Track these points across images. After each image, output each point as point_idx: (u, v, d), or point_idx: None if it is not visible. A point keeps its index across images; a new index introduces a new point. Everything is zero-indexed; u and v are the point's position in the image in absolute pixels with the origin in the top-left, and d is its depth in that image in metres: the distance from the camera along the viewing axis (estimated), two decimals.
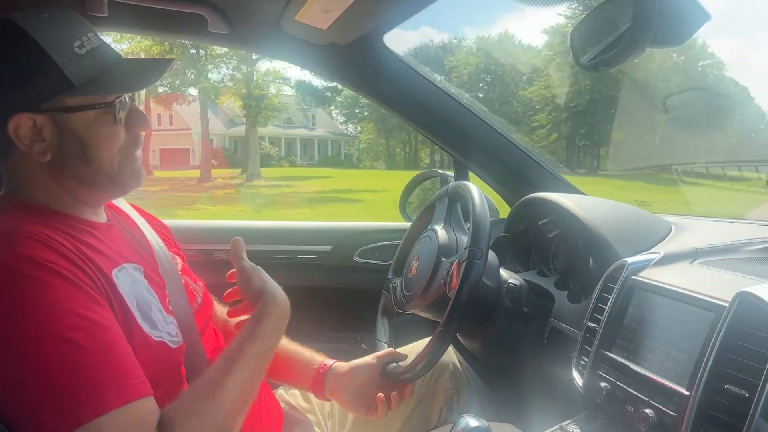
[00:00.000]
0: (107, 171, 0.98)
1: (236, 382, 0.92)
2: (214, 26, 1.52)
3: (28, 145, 0.92)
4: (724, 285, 0.97)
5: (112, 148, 0.98)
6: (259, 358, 0.98)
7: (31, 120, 0.91)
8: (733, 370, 0.85)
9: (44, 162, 0.94)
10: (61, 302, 0.81)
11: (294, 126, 40.75)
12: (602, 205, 1.48)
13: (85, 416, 0.77)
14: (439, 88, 1.83)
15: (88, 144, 0.95)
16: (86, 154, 0.95)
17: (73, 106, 0.93)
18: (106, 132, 0.96)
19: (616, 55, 0.93)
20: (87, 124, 0.95)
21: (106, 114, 0.96)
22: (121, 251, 1.01)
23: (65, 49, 0.92)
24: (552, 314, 1.38)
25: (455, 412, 1.46)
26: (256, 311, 1.06)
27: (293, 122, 40.52)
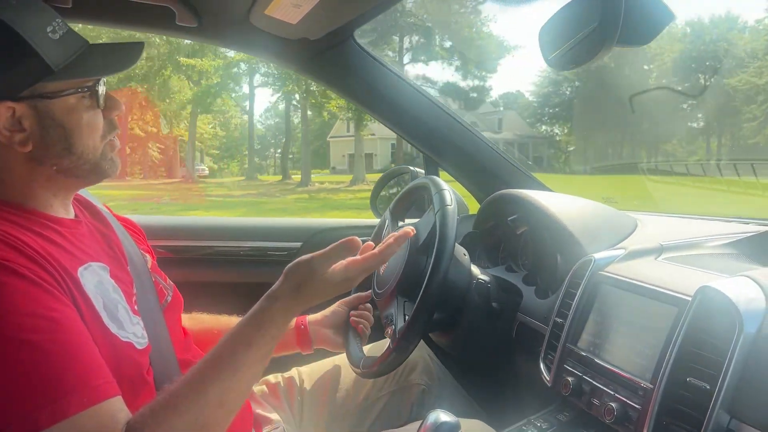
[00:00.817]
0: (89, 159, 0.97)
1: (221, 392, 0.86)
2: (181, 19, 1.50)
3: (8, 137, 0.89)
4: (688, 280, 0.99)
5: (95, 135, 0.97)
6: (252, 366, 0.91)
7: (11, 110, 0.89)
8: (695, 364, 0.87)
9: (25, 152, 0.91)
10: (20, 303, 0.79)
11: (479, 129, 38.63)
12: (570, 202, 1.50)
13: (44, 421, 0.74)
14: (409, 84, 1.83)
15: (71, 131, 0.93)
16: (69, 142, 0.94)
17: (54, 92, 0.91)
18: (87, 118, 0.95)
19: (583, 54, 0.94)
20: (68, 110, 0.93)
21: (87, 99, 0.95)
22: (88, 249, 0.98)
23: (40, 34, 0.90)
24: (520, 309, 1.39)
25: (426, 407, 1.46)
26: (257, 312, 0.96)
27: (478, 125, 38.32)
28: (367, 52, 1.75)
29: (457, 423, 0.90)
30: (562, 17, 0.99)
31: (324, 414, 1.44)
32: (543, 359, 1.19)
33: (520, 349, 1.37)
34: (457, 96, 33.15)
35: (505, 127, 39.60)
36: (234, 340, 0.92)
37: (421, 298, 1.17)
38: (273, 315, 0.95)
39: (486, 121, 38.01)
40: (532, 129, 40.90)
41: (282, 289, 0.97)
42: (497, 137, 37.59)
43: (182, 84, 26.95)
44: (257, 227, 2.18)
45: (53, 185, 0.97)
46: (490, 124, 38.75)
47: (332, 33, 1.61)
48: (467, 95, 33.37)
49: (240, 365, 0.89)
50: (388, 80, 1.80)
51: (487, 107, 39.01)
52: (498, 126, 39.47)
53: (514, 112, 41.08)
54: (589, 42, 0.91)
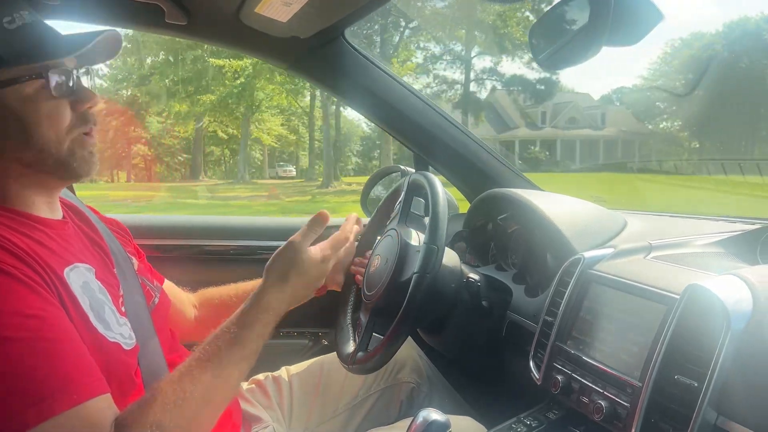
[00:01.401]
0: (54, 153, 0.93)
1: (207, 390, 0.86)
2: (171, 17, 1.49)
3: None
4: (676, 278, 1.00)
5: (57, 127, 0.93)
6: (239, 364, 0.91)
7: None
8: (683, 361, 0.88)
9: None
10: (7, 302, 0.78)
11: (577, 126, 36.33)
12: (559, 201, 1.51)
13: (32, 420, 0.74)
14: (400, 83, 1.83)
15: (27, 122, 0.91)
16: (26, 133, 0.91)
17: (5, 80, 0.89)
18: (46, 108, 0.92)
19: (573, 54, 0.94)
20: (24, 99, 0.90)
21: (43, 88, 0.91)
22: (75, 250, 0.98)
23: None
24: (510, 308, 1.39)
25: (416, 405, 1.47)
26: (244, 310, 0.96)
27: (577, 121, 36.30)
28: (358, 50, 1.75)
29: (447, 421, 0.91)
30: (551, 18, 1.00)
31: (313, 413, 1.44)
32: (532, 357, 1.20)
33: (510, 347, 1.37)
34: (525, 88, 32.66)
35: (609, 123, 36.99)
36: (221, 339, 0.92)
37: (411, 293, 1.17)
38: (259, 313, 0.96)
39: (586, 117, 36.65)
40: (641, 124, 37.29)
41: (268, 284, 0.98)
42: (598, 134, 36.14)
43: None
44: (245, 226, 2.17)
45: (28, 182, 0.95)
46: (591, 120, 36.90)
47: (322, 31, 1.60)
48: (534, 87, 32.66)
49: (227, 363, 0.89)
50: (378, 79, 1.80)
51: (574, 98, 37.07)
52: (601, 121, 36.98)
53: (623, 107, 38.44)
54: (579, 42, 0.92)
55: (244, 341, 0.92)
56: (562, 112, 36.26)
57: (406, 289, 1.20)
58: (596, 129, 36.09)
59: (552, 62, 1.01)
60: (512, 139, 36.09)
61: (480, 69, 30.64)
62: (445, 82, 31.08)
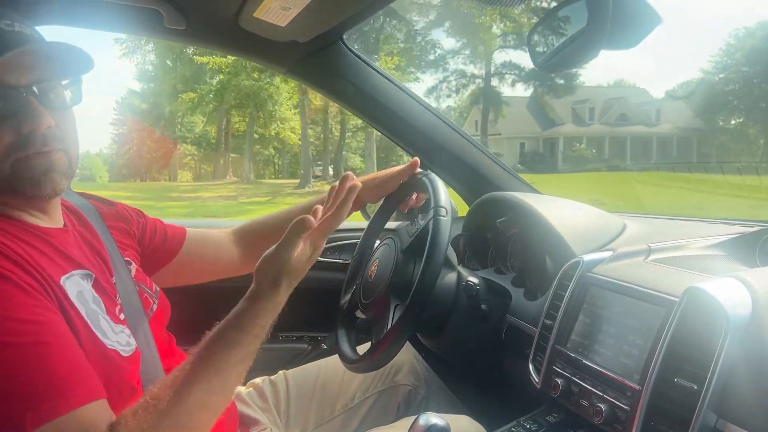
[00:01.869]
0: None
1: (203, 394, 0.85)
2: (170, 22, 1.49)
3: None
4: (675, 281, 1.00)
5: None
6: (235, 367, 0.89)
7: None
8: (682, 364, 0.88)
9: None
10: (6, 307, 0.78)
11: (629, 123, 34.83)
12: (558, 205, 1.51)
13: (30, 424, 0.74)
14: (399, 87, 1.83)
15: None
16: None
17: None
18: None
19: (571, 58, 0.94)
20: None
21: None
22: (74, 257, 0.98)
23: None
24: (509, 311, 1.39)
25: (413, 408, 1.47)
26: (239, 313, 0.94)
27: (628, 118, 34.91)
28: (357, 54, 1.75)
29: (447, 425, 0.91)
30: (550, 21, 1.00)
31: (310, 416, 1.44)
32: (532, 361, 1.20)
33: (509, 350, 1.37)
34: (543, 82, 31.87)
35: (665, 119, 35.54)
36: (216, 342, 0.90)
37: (414, 294, 1.17)
38: (255, 315, 0.94)
39: (638, 113, 35.32)
40: (699, 120, 34.18)
41: (261, 289, 0.96)
42: (650, 131, 34.66)
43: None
44: None
45: (5, 198, 0.93)
46: (645, 116, 35.39)
47: (321, 36, 1.61)
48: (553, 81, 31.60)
49: (222, 366, 0.88)
50: (377, 83, 1.80)
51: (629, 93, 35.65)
52: (655, 117, 35.76)
53: (680, 102, 36.19)
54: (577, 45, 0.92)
55: (240, 344, 0.90)
56: (612, 108, 35.44)
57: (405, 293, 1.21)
58: (649, 126, 34.82)
59: (550, 65, 1.01)
60: (556, 136, 35.40)
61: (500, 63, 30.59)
62: (463, 76, 31.06)
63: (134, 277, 1.15)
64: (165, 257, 1.34)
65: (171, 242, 1.35)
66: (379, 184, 1.40)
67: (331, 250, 2.14)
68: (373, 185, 1.40)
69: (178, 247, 1.36)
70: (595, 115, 35.77)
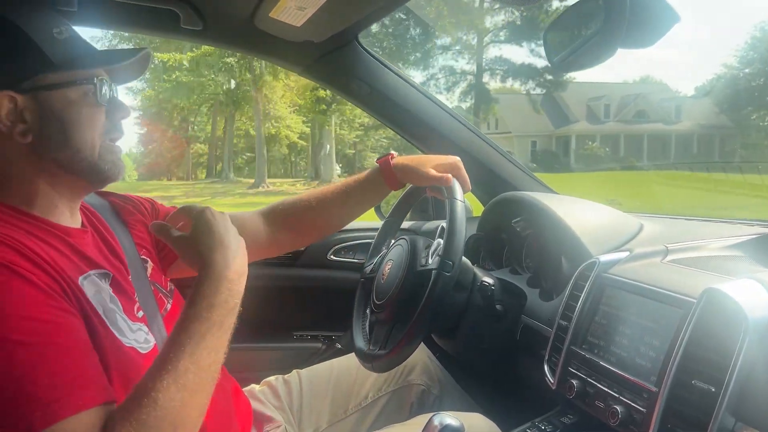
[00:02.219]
0: (87, 155, 0.98)
1: (177, 375, 0.83)
2: (186, 22, 1.50)
3: (9, 126, 0.92)
4: (693, 282, 0.99)
5: (93, 131, 0.99)
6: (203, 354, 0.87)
7: (13, 101, 0.92)
8: (700, 366, 0.87)
9: (25, 144, 0.94)
10: (21, 306, 0.79)
11: (647, 120, 33.37)
12: (574, 205, 1.50)
13: (37, 423, 0.74)
14: (413, 87, 1.83)
15: (68, 124, 0.96)
16: (66, 135, 0.96)
17: (54, 84, 0.94)
18: (86, 113, 0.98)
19: (587, 56, 0.94)
20: (67, 103, 0.96)
21: (87, 95, 0.97)
22: (92, 257, 0.99)
23: (45, 34, 0.95)
24: (524, 312, 1.39)
25: (426, 407, 1.47)
26: (196, 294, 0.92)
27: (646, 115, 33.65)
28: (372, 54, 1.75)
29: (461, 426, 0.90)
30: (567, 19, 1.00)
31: (323, 414, 1.45)
32: (547, 362, 1.19)
33: (524, 351, 1.36)
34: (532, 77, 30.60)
35: (686, 116, 33.81)
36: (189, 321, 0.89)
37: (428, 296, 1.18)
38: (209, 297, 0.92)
39: (657, 110, 34.07)
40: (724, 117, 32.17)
41: (212, 270, 0.94)
42: (670, 129, 33.24)
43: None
44: None
45: (56, 183, 0.98)
46: (664, 113, 33.90)
47: (336, 35, 1.61)
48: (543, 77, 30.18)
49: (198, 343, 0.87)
50: (392, 82, 1.80)
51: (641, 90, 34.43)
52: (675, 114, 34.07)
53: (702, 99, 34.93)
54: (594, 44, 0.91)
55: (212, 320, 0.90)
56: (629, 105, 34.53)
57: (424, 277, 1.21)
58: (669, 123, 33.54)
59: (567, 65, 1.00)
60: (569, 135, 34.63)
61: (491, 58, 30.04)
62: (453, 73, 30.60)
63: (150, 276, 1.16)
64: None
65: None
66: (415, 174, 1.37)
67: (345, 249, 2.14)
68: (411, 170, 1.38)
69: None
70: (611, 113, 34.94)
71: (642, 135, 34.30)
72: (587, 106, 35.66)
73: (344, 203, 1.44)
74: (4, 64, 0.93)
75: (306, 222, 1.46)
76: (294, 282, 2.12)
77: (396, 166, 1.38)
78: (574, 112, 35.16)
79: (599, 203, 1.52)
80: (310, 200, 1.44)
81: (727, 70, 33.04)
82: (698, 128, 33.02)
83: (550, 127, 35.27)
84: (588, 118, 35.23)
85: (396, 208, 1.56)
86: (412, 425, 1.27)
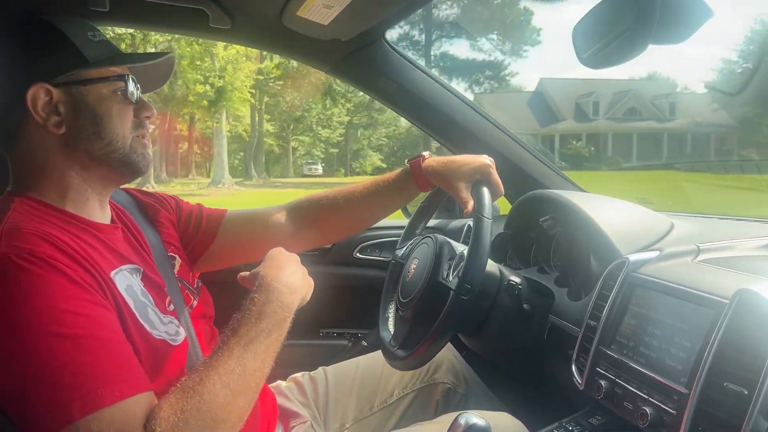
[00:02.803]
0: (119, 147, 1.04)
1: (222, 373, 0.86)
2: (215, 21, 1.52)
3: (44, 118, 0.98)
4: (725, 282, 0.97)
5: (123, 125, 1.04)
6: (249, 358, 0.90)
7: (49, 94, 0.98)
8: (732, 368, 0.85)
9: (59, 135, 0.99)
10: (61, 299, 0.82)
11: (639, 118, 32.38)
12: (604, 203, 1.48)
13: (76, 413, 0.77)
14: (440, 84, 1.83)
15: (100, 117, 1.01)
16: (98, 127, 1.01)
17: (87, 79, 1.01)
18: (117, 108, 1.04)
19: (618, 53, 0.92)
20: (100, 98, 1.02)
21: (117, 91, 1.04)
22: (123, 253, 1.03)
23: (81, 35, 1.03)
24: (552, 311, 1.38)
25: (452, 406, 1.47)
26: (248, 302, 0.97)
27: (638, 112, 32.63)
28: (398, 52, 1.75)
29: (488, 425, 0.90)
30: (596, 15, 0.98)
31: (349, 411, 1.45)
32: (575, 362, 1.18)
33: (552, 351, 1.35)
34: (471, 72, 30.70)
35: (680, 113, 32.86)
36: (244, 322, 0.94)
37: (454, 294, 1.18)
38: (267, 304, 0.97)
39: (650, 107, 33.08)
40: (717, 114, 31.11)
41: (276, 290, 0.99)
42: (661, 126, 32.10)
43: None
44: None
45: (88, 175, 1.03)
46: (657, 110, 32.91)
47: (363, 33, 1.61)
48: (483, 72, 30.20)
49: (251, 342, 0.91)
50: (419, 80, 1.80)
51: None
52: (669, 111, 32.94)
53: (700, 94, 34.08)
54: (624, 40, 0.90)
55: (260, 327, 0.93)
56: (620, 102, 33.68)
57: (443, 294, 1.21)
58: (662, 121, 32.52)
59: (596, 61, 0.99)
60: (553, 134, 33.96)
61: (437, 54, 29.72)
62: None
63: (177, 272, 1.19)
64: (206, 238, 1.35)
65: (209, 223, 1.37)
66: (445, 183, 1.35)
67: (371, 247, 2.15)
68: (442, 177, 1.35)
69: (216, 226, 1.37)
70: (600, 110, 33.83)
71: (632, 133, 33.31)
72: (576, 104, 34.76)
73: (372, 203, 1.43)
74: (43, 59, 0.99)
75: (331, 220, 1.46)
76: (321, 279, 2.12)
77: (427, 169, 1.36)
78: (562, 110, 34.32)
79: (629, 202, 1.50)
80: (337, 198, 1.44)
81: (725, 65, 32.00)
82: (691, 126, 31.95)
83: (536, 126, 34.36)
84: (576, 116, 34.36)
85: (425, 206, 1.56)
86: (437, 424, 1.27)
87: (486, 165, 1.33)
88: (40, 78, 0.98)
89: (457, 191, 1.31)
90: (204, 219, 1.36)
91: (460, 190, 1.31)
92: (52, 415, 0.77)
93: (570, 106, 34.75)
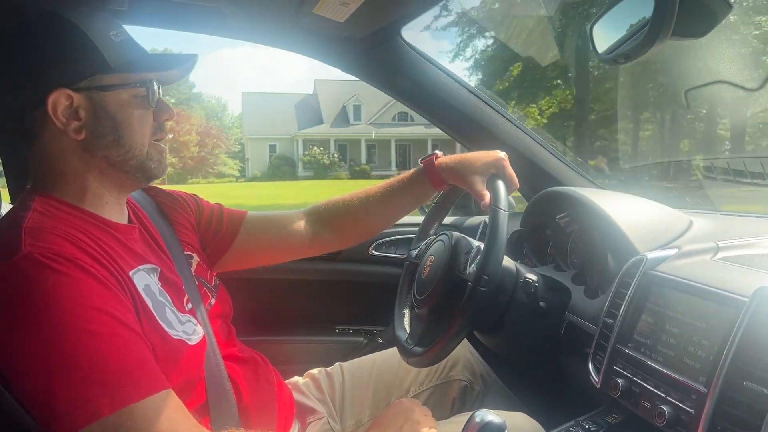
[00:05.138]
0: (137, 154, 1.02)
1: None
2: (232, 20, 1.53)
3: (65, 123, 0.96)
4: (745, 280, 0.96)
5: (143, 132, 1.03)
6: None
7: (69, 99, 0.96)
8: (751, 367, 0.84)
9: (78, 140, 0.98)
10: (88, 298, 0.84)
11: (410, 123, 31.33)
12: (621, 200, 1.47)
13: (105, 409, 0.78)
14: (457, 81, 1.82)
15: (120, 124, 1.00)
16: (118, 134, 1.00)
17: (109, 85, 0.99)
18: (138, 114, 1.02)
19: (636, 47, 0.92)
20: (120, 105, 1.00)
21: (139, 96, 1.02)
22: (140, 252, 1.04)
23: (103, 36, 0.99)
24: (569, 309, 1.37)
25: (468, 403, 1.46)
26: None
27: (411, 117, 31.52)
28: (415, 49, 1.75)
29: (504, 423, 0.90)
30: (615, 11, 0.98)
31: (365, 407, 1.46)
32: (592, 360, 1.17)
33: (568, 349, 1.34)
34: None
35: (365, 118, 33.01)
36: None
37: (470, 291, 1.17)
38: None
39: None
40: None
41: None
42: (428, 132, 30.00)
43: None
44: None
45: (105, 180, 1.03)
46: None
47: (379, 30, 1.61)
48: None
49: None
50: (435, 77, 1.80)
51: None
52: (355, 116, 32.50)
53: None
54: (643, 35, 0.89)
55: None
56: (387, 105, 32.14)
57: (460, 288, 1.20)
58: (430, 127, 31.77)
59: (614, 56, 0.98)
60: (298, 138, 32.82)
61: None
62: None
63: (195, 271, 1.20)
64: (225, 240, 1.36)
65: (229, 225, 1.37)
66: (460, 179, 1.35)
67: (387, 244, 2.15)
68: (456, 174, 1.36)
69: (236, 228, 1.37)
70: (361, 114, 32.98)
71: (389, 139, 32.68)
72: (343, 107, 34.00)
73: (388, 205, 1.44)
74: (64, 64, 0.97)
75: (349, 223, 1.47)
76: (336, 276, 2.14)
77: (440, 166, 1.37)
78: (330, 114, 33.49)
79: (646, 199, 1.48)
80: (353, 201, 1.45)
81: None
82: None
83: (294, 130, 33.72)
84: (337, 120, 33.59)
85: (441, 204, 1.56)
86: (454, 422, 1.27)
87: (500, 159, 1.33)
88: (61, 83, 0.96)
89: (472, 186, 1.31)
90: (224, 221, 1.36)
91: (475, 185, 1.31)
92: (79, 411, 0.78)
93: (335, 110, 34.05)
